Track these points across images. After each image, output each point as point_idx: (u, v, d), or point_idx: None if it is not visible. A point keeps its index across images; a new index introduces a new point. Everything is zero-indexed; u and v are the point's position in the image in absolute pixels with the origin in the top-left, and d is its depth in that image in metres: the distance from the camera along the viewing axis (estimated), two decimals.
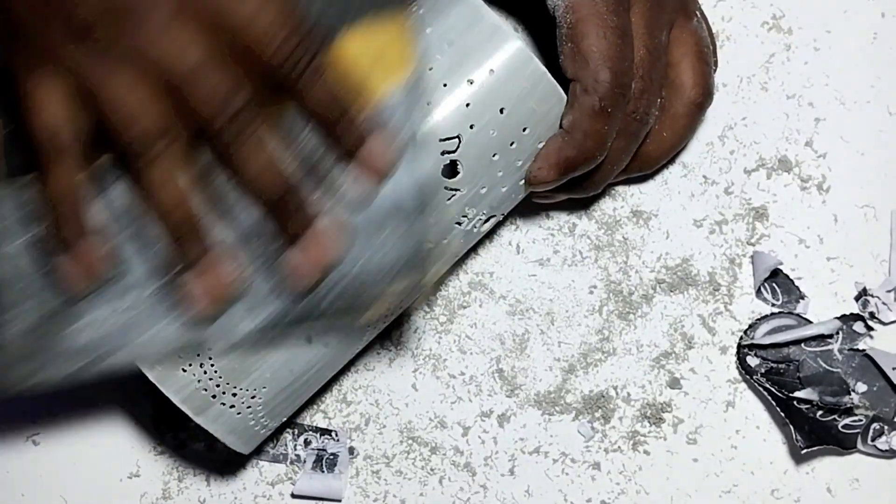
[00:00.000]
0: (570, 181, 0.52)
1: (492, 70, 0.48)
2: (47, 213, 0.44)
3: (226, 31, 0.42)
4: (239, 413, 0.49)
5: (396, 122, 0.44)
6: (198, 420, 0.48)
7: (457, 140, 0.48)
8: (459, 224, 0.49)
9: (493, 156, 0.48)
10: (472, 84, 0.48)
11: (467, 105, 0.48)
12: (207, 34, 0.42)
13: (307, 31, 0.43)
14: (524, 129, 0.48)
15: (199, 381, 0.48)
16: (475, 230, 0.50)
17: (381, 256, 0.45)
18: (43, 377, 0.45)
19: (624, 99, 0.49)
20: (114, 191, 0.44)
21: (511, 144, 0.49)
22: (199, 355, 0.48)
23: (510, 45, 0.47)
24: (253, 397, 0.49)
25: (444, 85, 0.48)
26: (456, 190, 0.48)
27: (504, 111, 0.48)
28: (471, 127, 0.48)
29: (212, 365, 0.48)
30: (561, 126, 0.49)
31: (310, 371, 0.50)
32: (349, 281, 0.45)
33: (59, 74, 0.43)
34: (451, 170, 0.48)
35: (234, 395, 0.49)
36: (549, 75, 0.48)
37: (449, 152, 0.48)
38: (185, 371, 0.48)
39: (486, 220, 0.51)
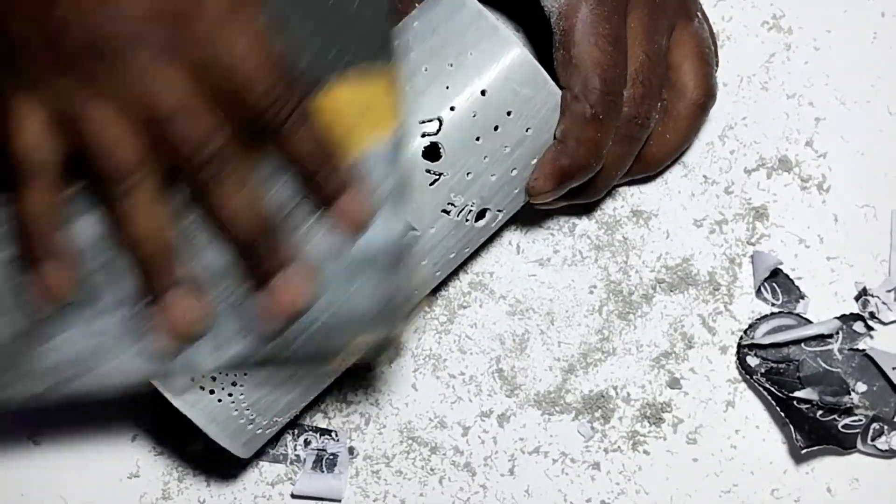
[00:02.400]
0: (572, 188, 0.52)
1: (472, 52, 0.48)
2: (21, 233, 0.44)
3: (211, 73, 0.42)
4: (220, 400, 0.48)
5: (377, 176, 0.44)
6: (176, 403, 0.48)
7: (437, 122, 0.48)
8: (447, 213, 0.49)
9: (477, 139, 0.48)
10: (452, 67, 0.48)
11: (447, 87, 0.48)
12: (191, 75, 0.42)
13: (294, 78, 0.43)
14: (508, 113, 0.48)
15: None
16: (466, 222, 0.50)
17: (351, 307, 0.45)
18: (10, 394, 0.45)
19: (616, 106, 0.49)
20: (88, 219, 0.44)
21: (495, 129, 0.48)
22: None
23: (490, 29, 0.48)
24: (234, 384, 0.48)
25: (425, 69, 0.48)
26: (439, 174, 0.48)
27: (486, 93, 0.48)
28: (451, 109, 0.48)
29: None
30: (555, 136, 0.50)
31: None
32: (317, 328, 0.45)
33: (42, 99, 0.43)
34: (432, 153, 0.48)
35: (214, 378, 0.48)
36: (532, 58, 0.48)
37: (429, 134, 0.48)
38: None
39: (481, 215, 0.50)
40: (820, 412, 0.55)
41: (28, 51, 0.42)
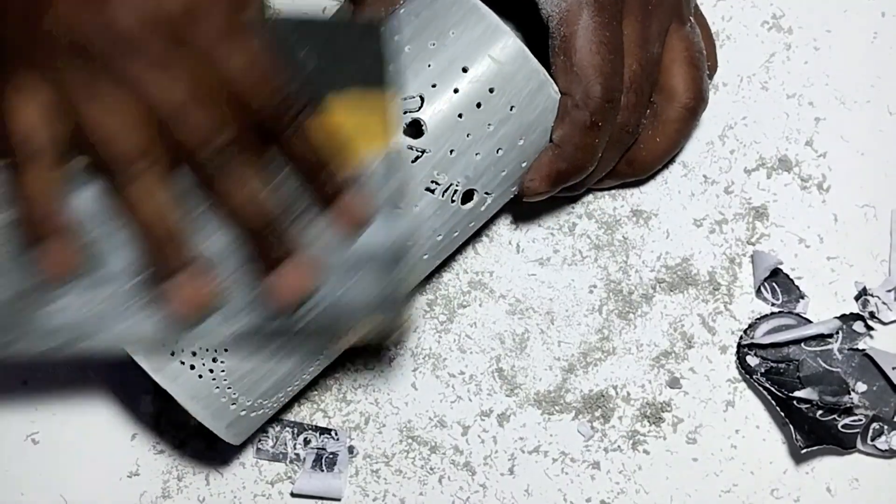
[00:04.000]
0: None
1: (453, 31, 0.48)
2: (20, 206, 0.44)
3: (210, 82, 0.42)
4: (200, 376, 0.48)
5: (374, 185, 0.46)
6: (156, 378, 0.47)
7: (419, 99, 0.48)
8: (431, 191, 0.49)
9: (459, 116, 0.48)
10: (433, 45, 0.48)
11: (429, 66, 0.48)
12: (190, 82, 0.42)
13: (295, 89, 0.43)
14: (491, 90, 0.48)
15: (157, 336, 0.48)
16: (452, 203, 0.50)
17: (352, 297, 0.46)
18: (19, 349, 0.46)
19: (614, 112, 0.49)
20: (89, 189, 0.45)
21: (478, 105, 0.48)
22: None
23: (471, 8, 0.48)
24: (214, 360, 0.48)
25: (408, 49, 0.49)
26: (421, 151, 0.48)
27: (467, 70, 0.48)
28: (433, 86, 0.48)
29: None
30: (551, 140, 0.50)
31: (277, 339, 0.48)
32: (322, 311, 0.46)
33: (42, 82, 0.42)
34: (414, 130, 0.49)
35: (194, 353, 0.48)
36: (515, 37, 0.48)
37: (411, 111, 0.48)
38: None
39: (468, 197, 0.50)
40: (820, 412, 0.55)
41: (22, 51, 0.42)
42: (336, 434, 0.57)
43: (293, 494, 0.57)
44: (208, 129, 0.42)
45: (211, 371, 0.48)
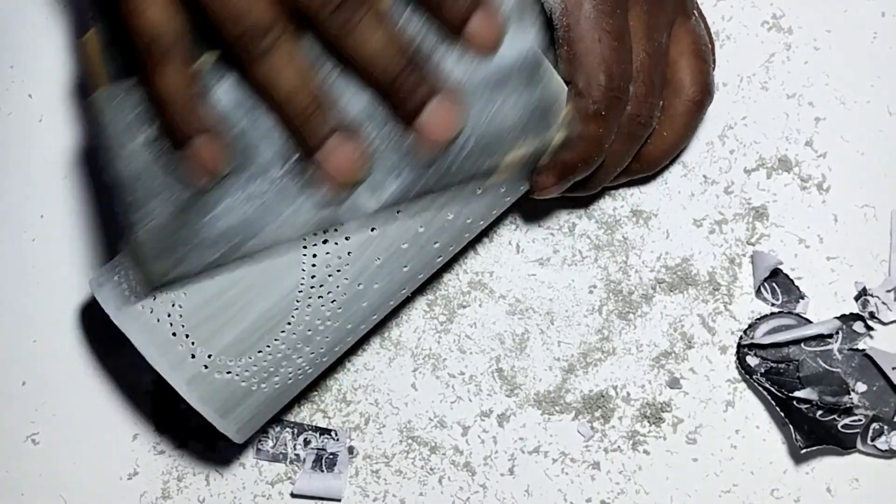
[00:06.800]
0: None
1: None
2: (158, 114, 0.45)
3: None
4: (158, 320, 0.47)
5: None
6: (116, 321, 0.47)
7: None
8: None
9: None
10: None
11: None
12: None
13: None
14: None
15: (120, 281, 0.47)
16: None
17: (498, 124, 0.46)
18: (186, 267, 0.46)
19: (620, 102, 0.49)
20: (224, 83, 0.45)
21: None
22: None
23: None
24: (173, 304, 0.47)
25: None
26: None
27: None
28: None
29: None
30: None
31: (233, 286, 0.47)
32: (469, 151, 0.46)
33: None
34: None
35: (154, 297, 0.47)
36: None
37: None
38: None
39: None
40: (820, 412, 0.55)
41: None
42: (336, 434, 0.57)
43: (293, 495, 0.57)
44: None
45: (168, 315, 0.47)
